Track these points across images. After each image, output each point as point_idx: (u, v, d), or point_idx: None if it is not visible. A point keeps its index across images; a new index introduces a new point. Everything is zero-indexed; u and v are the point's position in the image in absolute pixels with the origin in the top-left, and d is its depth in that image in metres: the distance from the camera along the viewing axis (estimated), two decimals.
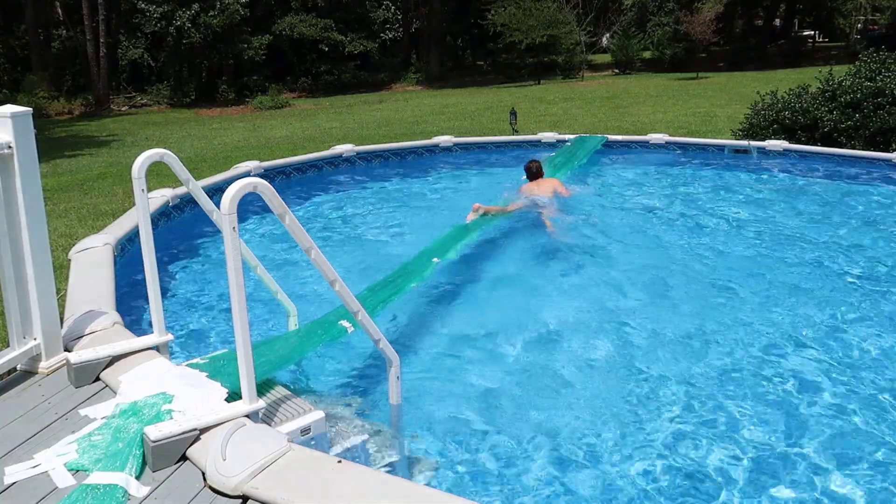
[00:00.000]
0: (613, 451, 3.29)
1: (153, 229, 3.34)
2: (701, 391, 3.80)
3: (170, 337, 3.48)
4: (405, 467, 3.14)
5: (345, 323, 3.62)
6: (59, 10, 31.29)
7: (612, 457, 3.25)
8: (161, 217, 6.47)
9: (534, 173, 7.86)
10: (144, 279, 3.35)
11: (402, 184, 9.22)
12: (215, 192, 3.20)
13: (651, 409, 3.64)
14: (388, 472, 2.99)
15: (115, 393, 3.02)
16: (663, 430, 3.44)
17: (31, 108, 3.15)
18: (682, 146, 10.07)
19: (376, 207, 8.13)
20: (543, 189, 7.64)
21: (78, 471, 2.53)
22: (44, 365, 3.31)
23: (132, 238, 5.55)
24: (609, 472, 3.15)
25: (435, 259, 5.24)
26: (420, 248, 5.66)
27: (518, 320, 4.80)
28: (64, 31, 31.04)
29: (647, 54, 32.80)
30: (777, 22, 39.24)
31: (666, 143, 10.08)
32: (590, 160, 9.52)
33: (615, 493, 3.01)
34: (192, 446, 2.60)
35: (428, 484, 3.01)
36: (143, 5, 26.60)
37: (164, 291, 4.94)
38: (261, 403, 2.80)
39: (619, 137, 10.37)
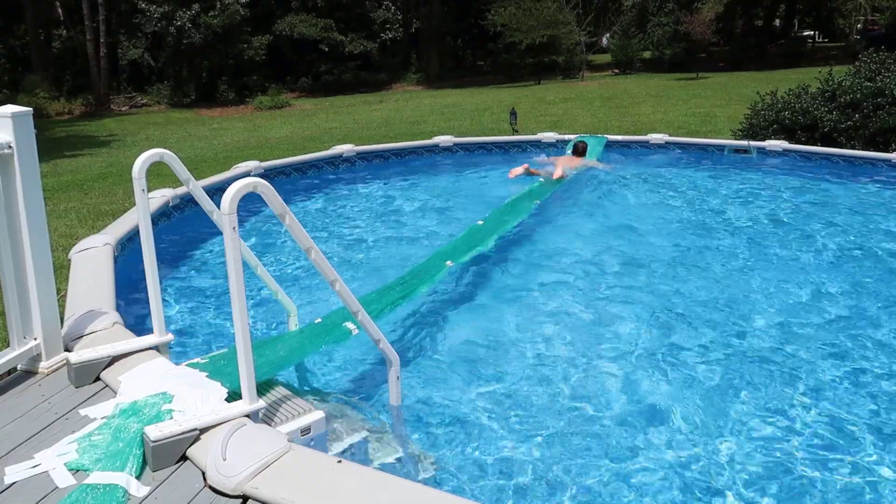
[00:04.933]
0: (617, 452, 3.29)
1: (153, 229, 3.34)
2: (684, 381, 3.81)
3: (170, 337, 3.48)
4: (405, 467, 3.14)
5: (349, 325, 3.62)
6: (60, 10, 31.28)
7: (617, 457, 3.25)
8: (161, 217, 6.48)
9: (578, 151, 9.37)
10: (144, 279, 3.36)
11: (402, 184, 9.23)
12: (215, 192, 3.20)
13: (662, 416, 3.64)
14: (388, 472, 2.99)
15: (115, 393, 3.03)
16: (675, 433, 3.45)
17: (31, 108, 3.15)
18: (682, 146, 10.08)
19: (377, 208, 8.13)
20: (572, 163, 9.04)
21: (78, 470, 2.53)
22: (44, 365, 3.31)
23: (132, 238, 5.55)
24: (612, 470, 3.15)
25: (448, 263, 5.19)
26: (421, 249, 5.65)
27: (522, 321, 4.80)
28: (64, 31, 31.03)
29: (646, 54, 32.79)
30: (777, 22, 39.24)
31: (666, 143, 10.09)
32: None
33: (620, 494, 3.01)
34: (193, 446, 2.60)
35: (428, 484, 3.01)
36: (143, 5, 26.59)
37: (165, 291, 4.94)
38: (261, 403, 2.80)
39: (619, 137, 10.37)
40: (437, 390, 3.88)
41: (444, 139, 10.43)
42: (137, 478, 2.48)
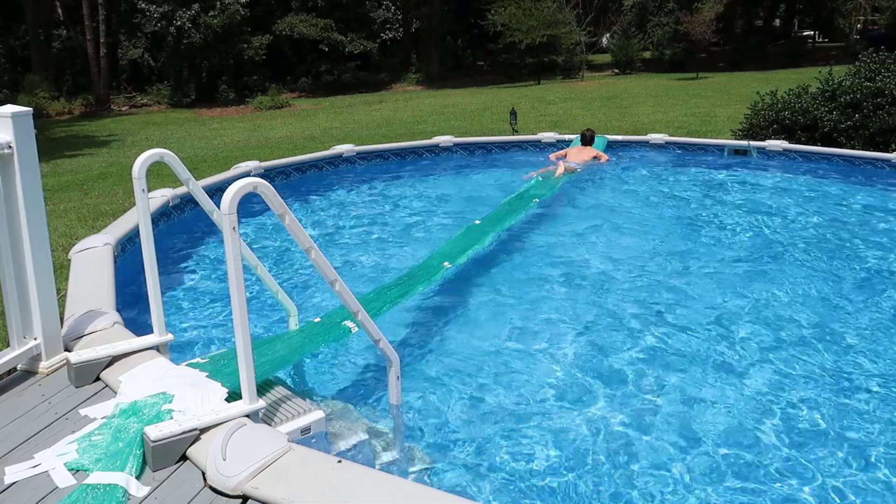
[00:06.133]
0: (618, 453, 3.29)
1: (153, 229, 3.35)
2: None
3: (170, 337, 3.48)
4: (405, 467, 3.14)
5: (349, 323, 3.62)
6: (60, 10, 31.28)
7: (616, 458, 3.25)
8: (161, 217, 6.48)
9: (586, 139, 9.66)
10: (144, 279, 3.36)
11: (402, 184, 9.23)
12: (215, 192, 3.20)
13: (663, 419, 3.65)
14: (388, 471, 2.99)
15: (115, 393, 3.03)
16: (680, 437, 3.45)
17: (31, 108, 3.16)
18: (682, 146, 10.09)
19: (377, 208, 8.13)
20: (581, 155, 9.39)
21: (78, 470, 2.53)
22: (44, 365, 3.31)
23: (132, 238, 5.55)
24: (611, 471, 3.15)
25: (446, 263, 5.19)
26: (421, 249, 5.65)
27: (524, 319, 4.80)
28: (64, 31, 31.03)
29: (646, 54, 32.80)
30: (777, 22, 39.25)
31: (666, 143, 10.09)
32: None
33: (617, 493, 3.01)
34: (193, 446, 2.60)
35: (428, 483, 3.01)
36: (143, 5, 26.59)
37: (165, 291, 4.94)
38: (261, 403, 2.80)
39: (619, 137, 10.38)
40: (437, 390, 3.88)
41: (444, 139, 10.44)
42: (137, 478, 2.48)
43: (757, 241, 6.42)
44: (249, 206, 7.25)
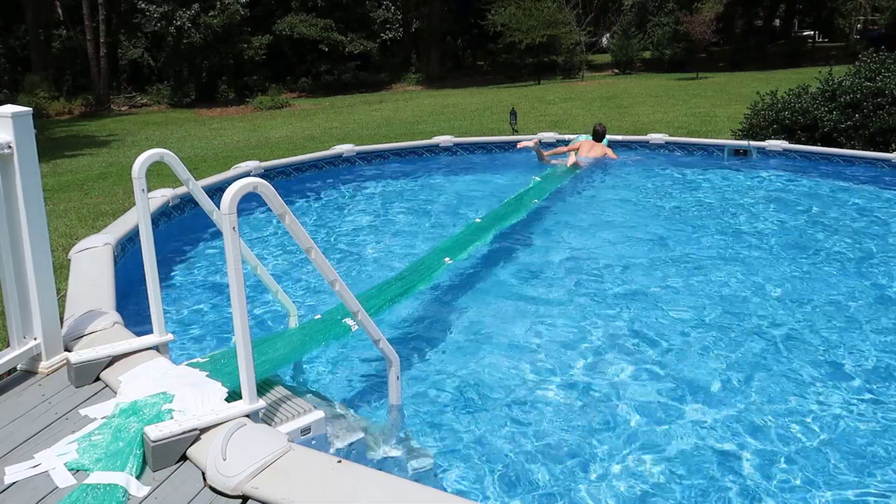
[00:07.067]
0: (615, 453, 3.29)
1: (153, 229, 3.35)
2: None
3: (170, 337, 3.48)
4: (405, 467, 3.14)
5: (349, 321, 3.62)
6: (60, 10, 31.29)
7: (613, 458, 3.25)
8: (161, 217, 6.48)
9: (598, 134, 9.86)
10: (144, 279, 3.36)
11: (402, 184, 9.23)
12: (215, 192, 3.20)
13: (658, 419, 3.65)
14: (388, 471, 2.99)
15: (116, 393, 3.03)
16: (679, 436, 3.45)
17: (31, 108, 3.16)
18: (682, 146, 10.09)
19: (377, 208, 8.13)
20: (593, 152, 9.59)
21: (78, 470, 2.53)
22: (44, 365, 3.31)
23: (132, 238, 5.55)
24: (607, 472, 3.15)
25: (447, 259, 5.20)
26: (422, 249, 5.65)
27: (525, 318, 4.80)
28: (64, 31, 31.03)
29: (646, 54, 32.79)
30: (777, 22, 39.25)
31: (666, 143, 10.10)
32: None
33: (613, 493, 3.02)
34: (193, 446, 2.60)
35: (428, 483, 3.00)
36: (143, 5, 26.58)
37: (165, 291, 4.94)
38: (261, 403, 2.80)
39: (619, 137, 10.38)
40: (438, 390, 3.88)
41: (444, 139, 10.44)
42: (137, 478, 2.48)
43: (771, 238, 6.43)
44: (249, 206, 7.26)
